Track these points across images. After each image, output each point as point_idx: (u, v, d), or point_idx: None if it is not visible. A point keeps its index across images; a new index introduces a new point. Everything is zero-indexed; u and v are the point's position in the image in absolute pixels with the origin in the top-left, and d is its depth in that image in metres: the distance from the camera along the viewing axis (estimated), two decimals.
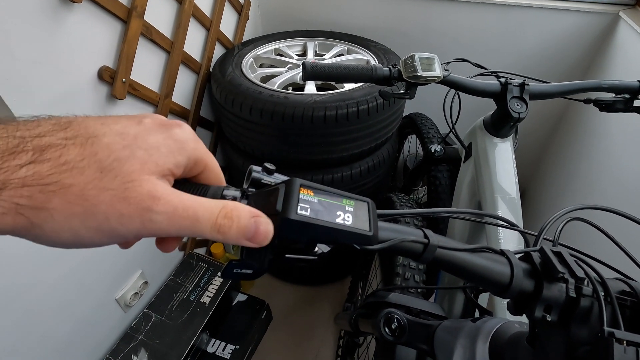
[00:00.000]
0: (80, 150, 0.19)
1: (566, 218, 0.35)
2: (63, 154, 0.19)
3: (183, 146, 0.23)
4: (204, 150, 0.25)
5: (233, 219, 0.21)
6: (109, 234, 0.20)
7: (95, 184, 0.19)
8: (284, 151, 1.08)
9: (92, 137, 0.20)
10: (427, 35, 1.42)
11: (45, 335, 0.92)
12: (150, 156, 0.21)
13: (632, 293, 0.27)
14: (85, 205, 0.19)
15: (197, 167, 0.25)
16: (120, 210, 0.19)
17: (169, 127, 0.23)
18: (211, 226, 0.21)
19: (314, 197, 0.23)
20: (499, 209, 0.70)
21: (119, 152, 0.20)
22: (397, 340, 0.48)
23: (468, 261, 0.28)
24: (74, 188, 0.19)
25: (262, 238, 0.22)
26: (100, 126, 0.21)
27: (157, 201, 0.20)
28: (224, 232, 0.21)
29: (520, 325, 0.34)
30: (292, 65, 1.25)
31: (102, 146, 0.20)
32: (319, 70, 0.66)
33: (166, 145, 0.22)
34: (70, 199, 0.19)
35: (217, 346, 1.21)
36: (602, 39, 1.26)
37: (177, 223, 0.20)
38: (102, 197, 0.19)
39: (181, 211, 0.20)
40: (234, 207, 0.22)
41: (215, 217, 0.21)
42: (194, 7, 1.11)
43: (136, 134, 0.21)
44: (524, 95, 0.69)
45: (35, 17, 0.71)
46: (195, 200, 0.21)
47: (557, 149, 1.50)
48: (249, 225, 0.21)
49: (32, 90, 0.75)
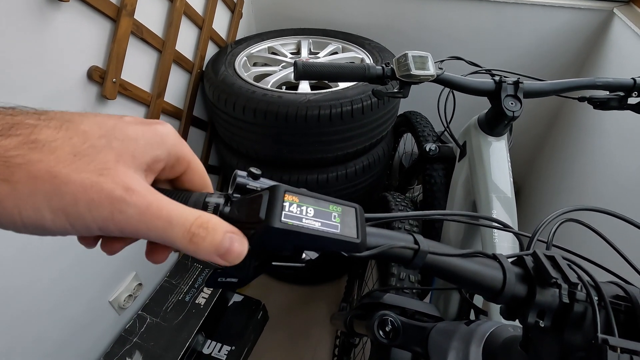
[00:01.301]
0: (53, 132, 0.18)
1: (560, 220, 0.35)
2: (34, 132, 0.18)
3: (163, 139, 0.22)
4: (186, 149, 0.24)
5: (208, 230, 0.20)
6: (74, 219, 0.18)
7: (67, 164, 0.18)
8: (278, 151, 1.07)
9: (68, 122, 0.19)
10: (422, 32, 1.41)
11: (38, 338, 0.91)
12: (126, 147, 0.20)
13: (627, 297, 0.26)
14: (54, 182, 0.18)
15: (179, 165, 0.24)
16: (90, 195, 0.18)
17: (150, 123, 0.23)
18: (183, 233, 0.20)
19: (299, 203, 0.22)
20: (493, 208, 0.69)
21: (94, 140, 0.19)
22: (391, 343, 0.47)
23: (459, 266, 0.28)
24: (42, 164, 0.17)
25: (234, 256, 0.21)
26: (79, 116, 0.20)
27: (132, 193, 0.19)
28: (196, 243, 0.20)
29: (514, 329, 0.34)
30: (286, 63, 1.24)
31: (78, 131, 0.19)
32: (311, 70, 0.65)
33: (145, 137, 0.21)
34: (37, 174, 0.17)
35: (212, 347, 1.20)
36: (597, 36, 1.26)
37: (149, 222, 0.19)
38: (74, 177, 0.18)
39: (155, 209, 0.19)
40: (210, 219, 0.21)
41: (190, 224, 0.20)
42: (186, 5, 1.09)
43: (114, 125, 0.20)
44: (518, 94, 0.68)
45: (22, 17, 0.70)
46: (171, 203, 0.20)
47: (552, 147, 1.50)
48: (223, 241, 0.20)
49: (19, 91, 0.73)
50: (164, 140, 0.22)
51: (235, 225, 0.23)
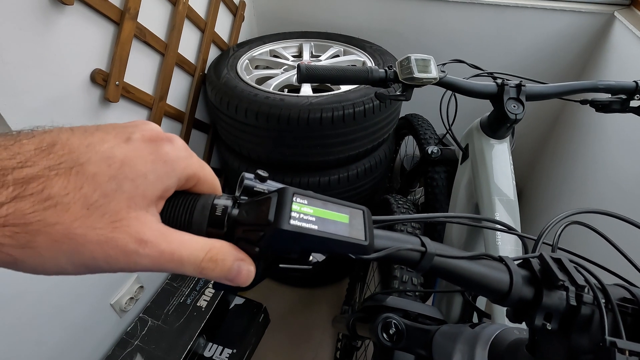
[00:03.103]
0: (64, 182, 0.18)
1: (565, 222, 0.35)
2: (46, 187, 0.18)
3: (173, 168, 0.22)
4: (196, 165, 0.24)
5: (217, 262, 0.22)
6: (94, 269, 0.20)
7: (82, 222, 0.19)
8: (280, 153, 1.07)
9: (77, 165, 0.19)
10: (423, 36, 1.41)
11: (39, 341, 0.91)
12: (137, 188, 0.20)
13: (634, 300, 0.26)
14: (72, 244, 0.18)
15: (188, 183, 0.24)
16: (107, 250, 0.19)
17: (159, 143, 0.22)
18: (194, 269, 0.21)
19: (307, 206, 0.22)
20: (496, 210, 0.69)
21: (105, 185, 0.19)
22: (395, 346, 0.47)
23: (466, 269, 0.27)
24: (59, 227, 0.18)
25: (242, 280, 0.22)
26: (86, 149, 0.19)
27: (144, 245, 0.20)
28: (207, 274, 0.22)
29: (519, 332, 0.34)
30: (288, 66, 1.24)
31: (88, 177, 0.19)
32: (314, 73, 0.65)
33: (154, 171, 0.21)
34: (56, 237, 0.18)
35: (214, 350, 1.20)
36: (598, 39, 1.26)
37: (162, 266, 0.21)
38: (90, 236, 0.19)
39: (167, 255, 0.20)
40: (220, 251, 0.22)
41: (200, 260, 0.21)
42: (188, 9, 1.10)
43: (123, 160, 0.20)
44: (521, 96, 0.68)
45: (25, 20, 0.70)
46: (181, 243, 0.21)
47: (554, 149, 1.50)
48: (231, 269, 0.22)
49: (22, 94, 0.73)
50: (174, 168, 0.22)
51: (244, 227, 0.23)
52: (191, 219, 0.23)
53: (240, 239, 0.23)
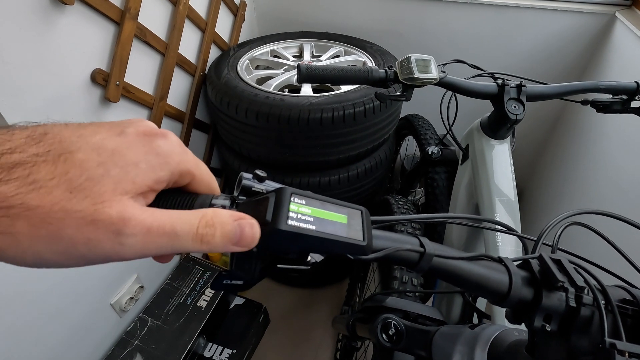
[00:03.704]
0: (51, 167, 0.18)
1: (565, 223, 0.34)
2: (32, 173, 0.18)
3: (166, 160, 0.21)
4: (191, 162, 0.23)
5: (215, 226, 0.20)
6: (76, 258, 0.19)
7: (62, 205, 0.18)
8: (280, 154, 1.07)
9: (66, 152, 0.18)
10: (424, 36, 1.41)
11: (39, 341, 0.91)
12: (126, 174, 0.19)
13: (634, 301, 0.26)
14: (50, 228, 0.18)
15: (182, 179, 0.23)
16: (87, 234, 0.18)
17: (153, 137, 0.21)
18: (192, 238, 0.20)
19: (305, 206, 0.22)
20: (496, 211, 0.69)
21: (92, 170, 0.19)
22: (395, 347, 0.47)
23: (465, 270, 0.27)
24: (40, 210, 0.17)
25: (249, 240, 0.21)
26: (77, 139, 0.19)
27: (127, 223, 0.19)
28: (208, 242, 0.20)
29: (519, 333, 0.34)
30: (288, 67, 1.24)
31: (75, 163, 0.18)
32: (314, 73, 0.65)
33: (146, 160, 0.21)
34: (35, 221, 0.17)
35: (214, 350, 1.20)
36: (599, 39, 1.26)
37: (154, 242, 0.19)
38: (69, 220, 0.18)
39: (156, 229, 0.19)
40: (214, 214, 0.21)
41: (196, 227, 0.20)
42: (189, 9, 1.10)
43: (114, 149, 0.20)
44: (521, 97, 0.68)
45: (26, 19, 0.70)
46: (170, 216, 0.20)
47: (554, 150, 1.50)
48: (233, 230, 0.20)
49: (23, 94, 0.73)
50: (167, 160, 0.22)
51: None
52: None
53: None
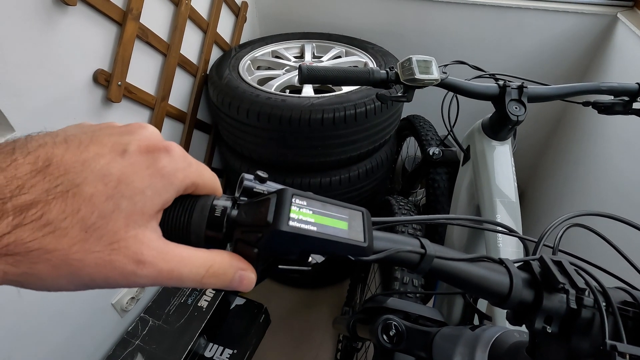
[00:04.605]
0: (61, 205, 0.19)
1: (566, 224, 0.34)
2: (45, 213, 0.18)
3: (171, 181, 0.22)
4: (194, 174, 0.24)
5: (219, 276, 0.22)
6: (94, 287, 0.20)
7: (80, 246, 0.19)
8: (282, 154, 1.07)
9: (74, 187, 0.19)
10: (425, 37, 1.41)
11: (40, 341, 0.91)
12: (135, 205, 0.20)
13: (635, 303, 0.26)
14: (70, 269, 0.19)
15: (186, 191, 0.24)
16: (105, 272, 0.19)
17: (156, 155, 0.22)
18: (195, 284, 0.22)
19: (306, 207, 0.22)
20: (497, 212, 0.69)
21: (102, 206, 0.19)
22: (395, 348, 0.47)
23: (466, 271, 0.27)
24: (58, 253, 0.18)
25: (244, 289, 0.23)
26: (81, 167, 0.19)
27: (142, 266, 0.20)
28: (208, 287, 0.23)
29: (519, 334, 0.33)
30: (290, 67, 1.24)
31: (85, 199, 0.19)
32: (315, 73, 0.65)
33: (152, 186, 0.21)
34: (55, 263, 0.19)
35: (214, 351, 1.20)
36: (601, 40, 1.26)
37: (161, 283, 0.21)
38: (87, 261, 0.19)
39: (166, 274, 0.21)
40: (220, 265, 0.22)
41: (201, 277, 0.22)
42: (191, 10, 1.10)
43: (119, 177, 0.20)
44: (523, 98, 0.68)
45: (28, 20, 0.71)
46: (181, 261, 0.21)
47: (556, 151, 1.50)
48: (233, 280, 0.23)
49: (25, 94, 0.74)
50: (172, 181, 0.22)
51: (243, 228, 0.23)
52: (190, 220, 0.23)
53: (239, 239, 0.23)
